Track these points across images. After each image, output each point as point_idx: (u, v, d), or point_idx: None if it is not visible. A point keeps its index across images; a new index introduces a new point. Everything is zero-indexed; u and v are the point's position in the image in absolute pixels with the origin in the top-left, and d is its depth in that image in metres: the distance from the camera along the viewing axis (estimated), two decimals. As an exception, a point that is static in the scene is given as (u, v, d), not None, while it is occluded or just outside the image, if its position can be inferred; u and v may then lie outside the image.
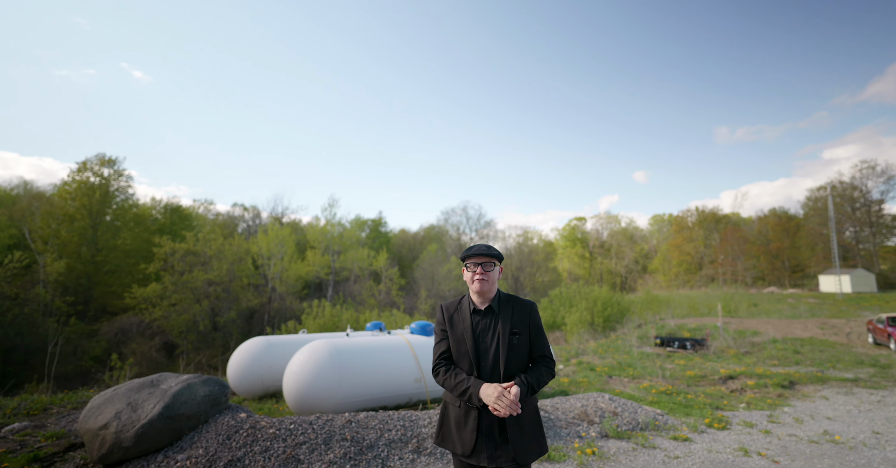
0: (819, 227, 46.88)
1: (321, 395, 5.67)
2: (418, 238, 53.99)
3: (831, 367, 10.92)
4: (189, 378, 4.99)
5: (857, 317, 23.24)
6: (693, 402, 6.55)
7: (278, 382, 7.86)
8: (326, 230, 42.68)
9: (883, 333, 14.14)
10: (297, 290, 36.29)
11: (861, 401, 7.28)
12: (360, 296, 33.78)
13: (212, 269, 30.79)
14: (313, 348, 6.06)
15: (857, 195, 48.28)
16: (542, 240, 60.83)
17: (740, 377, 9.78)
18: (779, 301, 32.31)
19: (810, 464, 4.01)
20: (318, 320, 21.78)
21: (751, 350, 14.22)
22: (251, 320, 33.95)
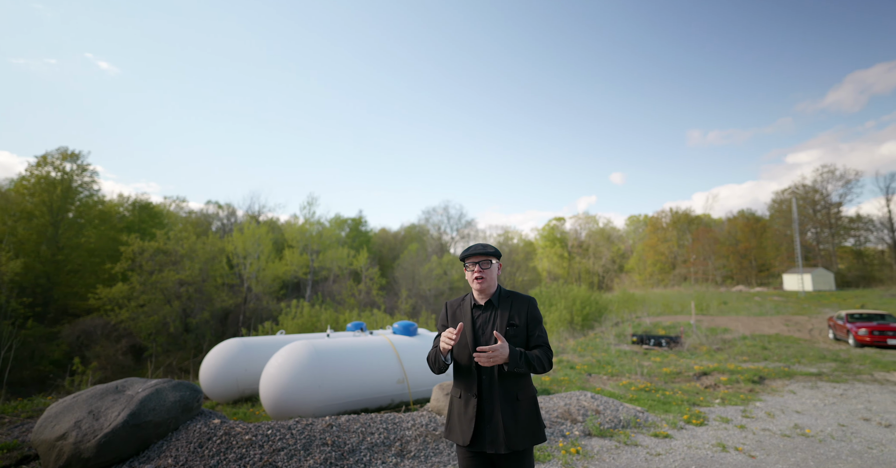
0: (783, 229, 49.00)
1: (300, 398, 5.51)
2: (399, 237, 53.67)
3: (797, 363, 11.37)
4: (158, 383, 4.75)
5: (817, 314, 24.35)
6: (671, 399, 6.68)
7: (254, 385, 7.61)
8: (305, 229, 41.89)
9: (842, 329, 14.84)
10: (274, 290, 35.47)
11: (826, 394, 7.58)
12: (340, 295, 33.31)
13: (184, 269, 29.74)
14: (292, 349, 5.88)
15: (818, 198, 50.68)
16: (523, 239, 61.46)
17: (713, 373, 10.06)
18: (746, 299, 33.55)
19: (784, 457, 4.12)
20: (296, 321, 21.34)
21: (722, 346, 14.68)
22: (225, 321, 32.99)
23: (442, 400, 4.98)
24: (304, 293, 39.82)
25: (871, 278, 43.32)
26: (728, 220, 56.85)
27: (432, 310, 31.51)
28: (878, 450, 4.38)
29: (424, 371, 6.39)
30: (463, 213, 57.42)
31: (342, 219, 52.29)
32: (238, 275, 34.70)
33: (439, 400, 5.00)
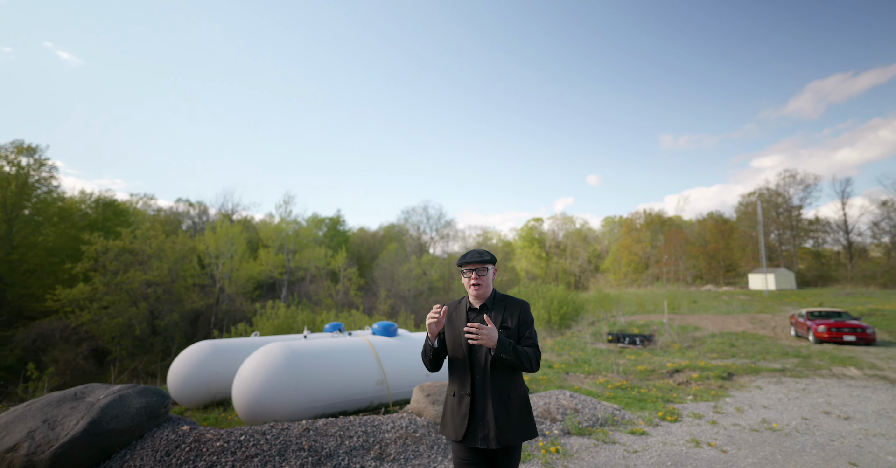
0: (749, 230, 51.09)
1: (275, 402, 5.34)
2: (378, 237, 53.19)
3: (762, 359, 11.83)
4: (122, 389, 4.52)
5: (780, 312, 25.47)
6: (646, 396, 6.82)
7: (226, 389, 7.36)
8: (281, 228, 40.98)
9: (803, 326, 15.55)
10: (248, 291, 34.55)
11: (789, 389, 7.91)
12: (317, 296, 32.73)
13: (151, 269, 28.59)
14: (267, 351, 5.71)
15: (780, 201, 53.09)
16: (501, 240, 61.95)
17: (685, 370, 10.35)
18: (715, 298, 34.78)
19: (754, 451, 4.25)
20: (271, 322, 20.83)
21: (693, 344, 15.15)
22: (196, 323, 31.89)
23: (422, 401, 4.92)
24: (280, 293, 38.95)
25: (828, 278, 45.68)
26: (698, 221, 58.90)
27: (411, 310, 31.35)
28: (838, 442, 4.58)
29: (404, 372, 6.32)
30: (442, 213, 57.37)
31: (320, 218, 51.44)
32: (210, 276, 33.62)
33: (419, 401, 4.94)
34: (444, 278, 45.08)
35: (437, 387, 5.07)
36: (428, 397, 4.91)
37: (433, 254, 53.67)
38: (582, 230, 67.49)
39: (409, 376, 6.36)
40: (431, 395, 4.93)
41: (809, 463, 3.90)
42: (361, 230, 58.36)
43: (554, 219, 69.44)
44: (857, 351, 12.72)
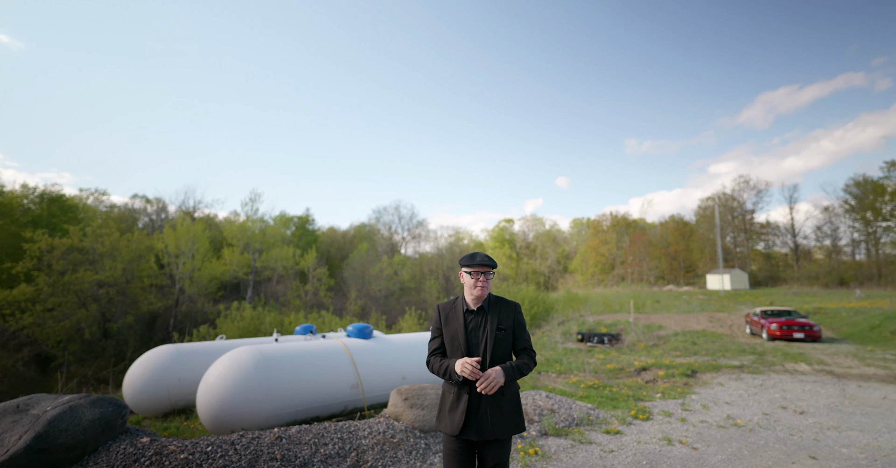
0: (707, 233, 53.71)
1: (244, 409, 5.09)
2: (348, 237, 52.27)
3: (721, 356, 12.40)
4: (72, 399, 4.19)
5: (735, 311, 26.86)
6: (618, 395, 6.97)
7: (189, 396, 6.99)
8: (247, 226, 39.56)
9: (757, 325, 16.44)
10: (210, 292, 33.14)
11: (748, 385, 8.30)
12: (285, 297, 31.79)
13: (104, 269, 26.89)
14: (236, 356, 5.44)
15: (735, 205, 56.11)
16: (473, 240, 62.28)
17: (652, 368, 10.70)
18: (676, 298, 36.31)
19: (722, 448, 4.40)
20: (236, 324, 20.07)
21: (657, 343, 15.71)
22: (153, 326, 30.26)
23: (400, 405, 4.81)
24: (245, 294, 37.59)
25: (777, 278, 48.65)
26: (661, 224, 61.38)
27: (382, 310, 30.98)
28: (798, 436, 4.82)
29: (380, 375, 6.19)
30: (414, 212, 57.17)
31: (288, 217, 50.07)
32: (169, 276, 32.02)
33: (397, 405, 4.83)
34: (416, 278, 44.87)
35: (414, 391, 4.98)
36: (406, 401, 4.81)
37: (405, 254, 53.33)
38: (551, 231, 68.92)
39: (384, 379, 6.23)
40: (409, 399, 4.83)
41: (773, 458, 4.07)
42: (331, 229, 57.25)
43: (524, 220, 70.62)
44: (805, 347, 13.57)
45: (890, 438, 4.71)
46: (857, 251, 48.84)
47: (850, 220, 48.96)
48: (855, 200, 48.30)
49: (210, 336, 20.13)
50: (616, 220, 62.18)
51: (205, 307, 31.42)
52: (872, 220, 47.22)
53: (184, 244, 32.24)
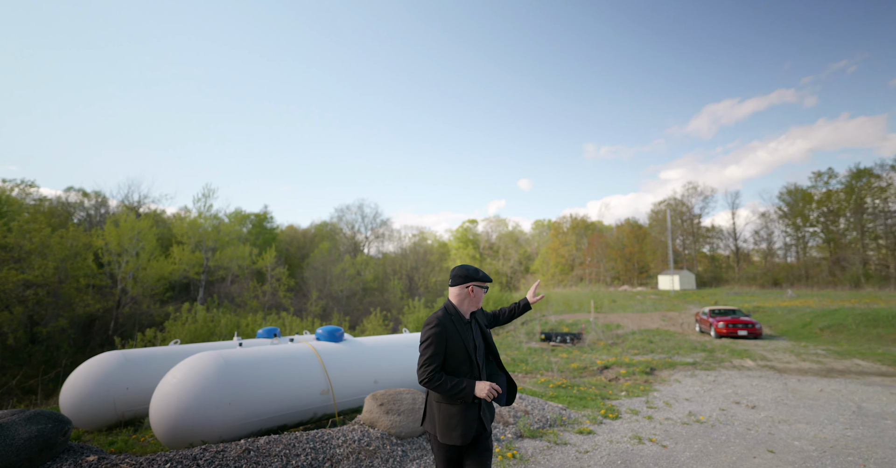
0: (659, 236, 56.67)
1: (206, 419, 4.77)
2: (309, 235, 50.75)
3: (676, 354, 13.07)
4: (3, 415, 3.76)
5: (685, 310, 28.49)
6: (586, 394, 7.15)
7: (138, 407, 6.50)
8: (199, 223, 37.43)
9: (706, 323, 17.49)
10: (157, 292, 31.12)
11: (703, 382, 8.78)
12: (241, 297, 30.38)
13: (32, 268, 24.54)
14: (196, 362, 5.09)
15: (684, 210, 59.60)
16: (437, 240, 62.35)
17: (613, 367, 11.10)
18: (630, 298, 38.02)
19: (689, 445, 4.60)
20: (188, 327, 18.92)
21: (616, 341, 16.34)
22: (90, 329, 27.96)
23: (375, 411, 4.67)
24: (197, 295, 35.60)
25: (720, 279, 52.13)
26: (617, 227, 64.12)
27: (345, 311, 30.30)
28: (754, 430, 5.13)
29: (351, 380, 6.00)
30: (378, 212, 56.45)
31: (244, 214, 47.93)
32: (110, 276, 29.74)
33: (372, 411, 4.69)
34: (380, 279, 44.27)
35: (390, 396, 4.85)
36: (381, 407, 4.68)
37: (368, 254, 52.51)
38: (514, 232, 70.25)
39: (356, 384, 6.04)
40: (385, 404, 4.70)
41: (737, 453, 4.30)
42: (291, 228, 55.40)
43: (488, 221, 71.57)
44: (749, 344, 14.58)
45: (833, 429, 5.11)
46: (788, 254, 53.28)
47: (783, 226, 53.33)
48: (787, 207, 52.64)
49: (162, 341, 18.94)
50: (575, 223, 64.32)
51: (151, 309, 29.46)
52: (801, 226, 51.65)
53: (127, 241, 30.05)
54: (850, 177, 48.74)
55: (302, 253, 46.77)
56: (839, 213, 49.02)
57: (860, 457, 4.09)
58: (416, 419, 4.65)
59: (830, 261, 45.72)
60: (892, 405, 6.41)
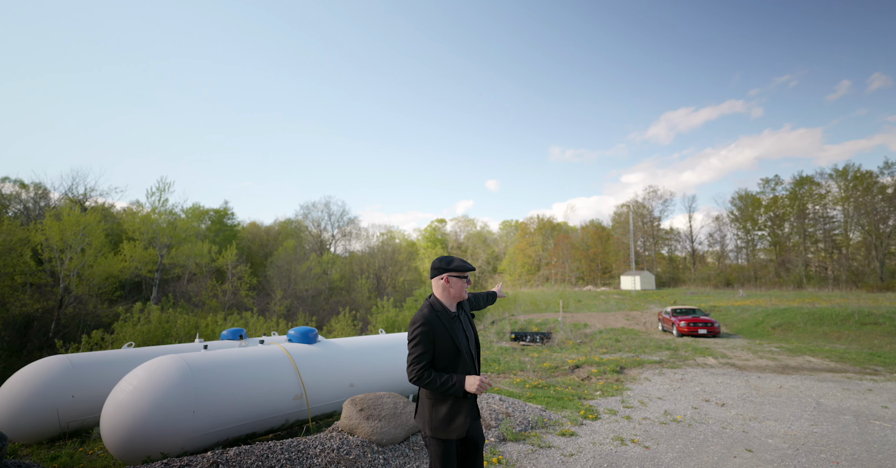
0: (622, 237, 58.71)
1: (167, 430, 4.37)
2: (272, 233, 48.97)
3: (643, 352, 13.45)
4: (-71, 434, 3.27)
5: (646, 309, 29.58)
6: (563, 395, 7.16)
7: (85, 417, 5.94)
8: (152, 219, 35.31)
9: (668, 322, 18.17)
10: (105, 292, 29.10)
11: (671, 380, 9.03)
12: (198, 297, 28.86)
13: (-39, 264, 22.29)
14: (156, 367, 4.67)
15: (645, 213, 62.06)
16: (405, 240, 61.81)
17: (584, 366, 11.26)
18: (595, 297, 39.11)
19: (671, 446, 4.64)
20: (140, 328, 17.74)
21: (584, 340, 16.67)
22: (27, 331, 25.72)
23: (355, 417, 4.42)
24: (150, 294, 33.57)
25: (678, 279, 54.65)
26: (582, 228, 65.92)
27: (311, 311, 29.43)
28: (729, 429, 5.26)
29: (326, 384, 5.70)
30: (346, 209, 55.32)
31: (203, 209, 45.71)
32: (51, 273, 27.51)
33: (352, 417, 4.44)
34: (346, 278, 43.37)
35: (370, 401, 4.62)
36: (361, 412, 4.44)
37: (334, 252, 51.33)
38: (482, 232, 70.78)
39: (331, 388, 5.76)
40: (365, 410, 4.47)
41: (717, 453, 4.37)
42: (253, 225, 53.32)
43: (457, 220, 71.76)
44: (709, 342, 15.24)
45: (800, 426, 5.33)
46: (739, 256, 56.58)
47: (735, 229, 56.58)
48: (738, 211, 55.89)
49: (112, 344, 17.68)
50: (542, 223, 65.60)
51: (97, 309, 27.49)
52: (751, 229, 55.00)
53: (71, 237, 27.87)
54: (794, 184, 52.36)
55: (265, 251, 45.11)
56: (784, 218, 52.53)
57: (831, 454, 4.25)
58: (397, 425, 4.45)
59: (776, 263, 48.92)
60: (847, 400, 6.80)
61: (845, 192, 48.86)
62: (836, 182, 49.87)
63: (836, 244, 49.19)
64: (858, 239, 47.87)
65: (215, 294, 29.68)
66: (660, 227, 61.68)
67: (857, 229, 48.19)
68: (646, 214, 61.80)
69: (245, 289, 31.49)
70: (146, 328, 18.64)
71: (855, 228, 48.42)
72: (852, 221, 48.37)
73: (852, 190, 48.16)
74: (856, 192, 47.75)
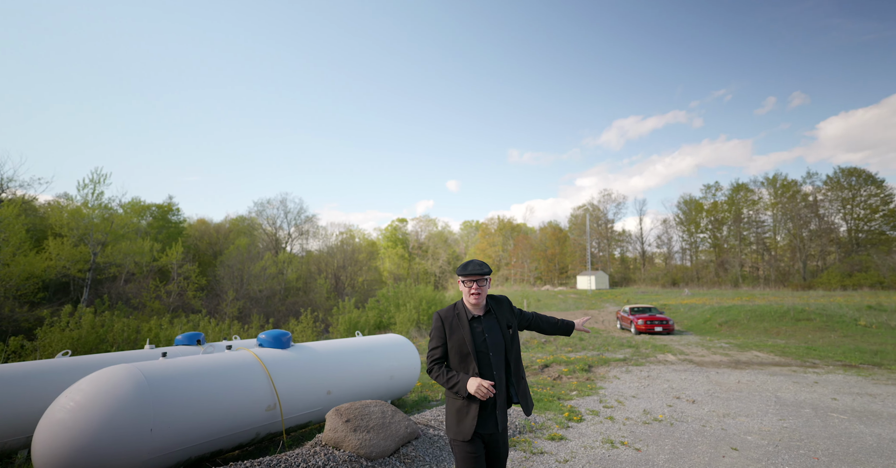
0: (578, 239, 60.89)
1: (118, 452, 3.80)
2: (223, 231, 46.22)
3: (606, 351, 13.84)
4: None
5: (602, 308, 30.76)
6: (542, 396, 7.11)
7: (10, 438, 5.17)
8: (84, 213, 32.21)
9: (627, 320, 18.90)
10: (26, 293, 26.19)
11: (639, 377, 9.28)
12: (138, 298, 26.62)
13: None
14: (105, 379, 4.07)
15: (599, 215, 64.76)
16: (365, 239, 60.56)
17: (553, 365, 11.38)
18: (553, 297, 40.22)
19: (659, 446, 4.67)
20: (69, 334, 16.03)
21: (548, 339, 16.92)
22: (-71, 338, 22.57)
23: (341, 429, 4.07)
24: (80, 296, 30.58)
25: (629, 279, 57.44)
26: (540, 229, 67.69)
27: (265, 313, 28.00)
28: (708, 427, 5.39)
29: (301, 392, 5.27)
30: (303, 207, 53.24)
31: (143, 204, 42.36)
32: (-40, 272, 24.35)
33: (337, 429, 4.08)
34: (303, 278, 41.81)
35: (357, 410, 4.28)
36: (348, 424, 4.10)
37: (291, 251, 49.32)
38: (443, 232, 70.83)
39: (307, 397, 5.33)
40: (352, 421, 4.13)
41: (707, 453, 4.44)
42: (202, 222, 50.09)
43: (418, 220, 71.36)
44: (665, 339, 15.98)
45: (770, 422, 5.57)
46: (684, 257, 60.42)
47: (680, 232, 60.35)
48: (683, 215, 59.66)
49: (27, 351, 15.88)
50: (503, 224, 66.68)
51: (16, 313, 24.67)
52: (694, 232, 58.89)
53: (-14, 232, 24.83)
54: (732, 191, 56.65)
55: (215, 249, 42.52)
56: (723, 222, 56.70)
57: (809, 450, 4.43)
58: (387, 436, 4.15)
59: (716, 264, 52.68)
60: (800, 394, 7.25)
61: (774, 199, 53.50)
62: (766, 189, 54.51)
63: (767, 247, 53.74)
64: (785, 242, 52.58)
65: (158, 295, 27.52)
66: (613, 229, 64.59)
67: (783, 233, 52.92)
68: (601, 217, 64.50)
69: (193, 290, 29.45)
70: (76, 334, 16.89)
71: (782, 232, 53.15)
72: (780, 226, 53.05)
73: (780, 197, 52.80)
74: (783, 198, 52.41)
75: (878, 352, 12.31)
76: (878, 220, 47.97)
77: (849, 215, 49.76)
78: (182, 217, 47.59)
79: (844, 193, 49.64)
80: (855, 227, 49.32)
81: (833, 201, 50.47)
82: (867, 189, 48.66)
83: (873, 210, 48.22)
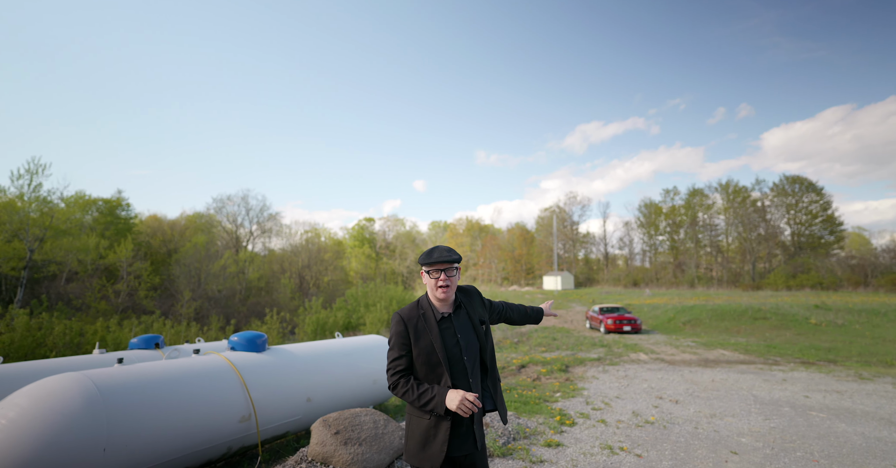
0: (545, 240, 62.04)
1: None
2: (179, 227, 43.55)
3: (580, 350, 13.94)
4: None
5: (570, 308, 31.33)
6: (528, 398, 6.94)
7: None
8: (19, 207, 29.44)
9: (596, 320, 19.25)
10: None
11: (617, 377, 9.32)
12: (81, 299, 24.53)
13: None
14: (48, 391, 3.50)
15: (565, 217, 66.31)
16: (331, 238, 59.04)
17: (530, 365, 11.29)
18: (520, 297, 40.64)
19: (659, 451, 4.57)
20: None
21: (521, 339, 16.95)
22: None
23: (329, 442, 3.68)
24: (14, 296, 27.88)
25: (593, 280, 59.11)
26: (508, 230, 68.50)
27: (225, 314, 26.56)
28: (701, 429, 5.36)
29: (278, 400, 4.80)
30: (266, 204, 50.99)
31: (89, 198, 39.28)
32: None
33: (325, 442, 3.69)
34: (266, 277, 40.13)
35: (346, 421, 3.89)
36: (337, 436, 3.71)
37: (253, 250, 47.25)
38: (411, 232, 70.23)
39: (284, 405, 4.86)
40: (342, 432, 3.74)
41: (708, 457, 4.37)
42: (154, 218, 47.04)
43: (385, 220, 70.39)
44: (634, 338, 16.35)
45: (756, 422, 5.63)
46: (644, 259, 62.90)
47: (641, 234, 62.79)
48: (644, 218, 62.12)
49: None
50: (471, 225, 66.93)
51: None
52: (653, 234, 61.43)
53: None
54: (689, 195, 59.56)
55: (169, 247, 40.02)
56: (680, 225, 59.47)
57: (805, 451, 4.46)
58: (380, 448, 3.79)
59: (674, 266, 55.15)
60: (774, 392, 7.46)
61: (727, 204, 56.69)
62: (720, 194, 57.70)
63: (720, 249, 56.85)
64: (735, 245, 55.82)
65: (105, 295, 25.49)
66: (578, 231, 66.29)
67: (734, 236, 56.17)
68: (566, 218, 66.04)
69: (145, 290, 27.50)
70: (9, 337, 15.29)
71: (733, 234, 56.40)
72: (731, 229, 56.27)
73: (732, 201, 56.02)
74: (734, 203, 55.63)
75: (830, 350, 13.08)
76: (818, 224, 51.88)
77: (792, 220, 53.54)
78: (133, 213, 44.54)
79: (789, 200, 53.38)
80: (797, 231, 53.09)
81: (779, 207, 54.15)
82: (808, 196, 52.54)
83: (813, 215, 52.14)
